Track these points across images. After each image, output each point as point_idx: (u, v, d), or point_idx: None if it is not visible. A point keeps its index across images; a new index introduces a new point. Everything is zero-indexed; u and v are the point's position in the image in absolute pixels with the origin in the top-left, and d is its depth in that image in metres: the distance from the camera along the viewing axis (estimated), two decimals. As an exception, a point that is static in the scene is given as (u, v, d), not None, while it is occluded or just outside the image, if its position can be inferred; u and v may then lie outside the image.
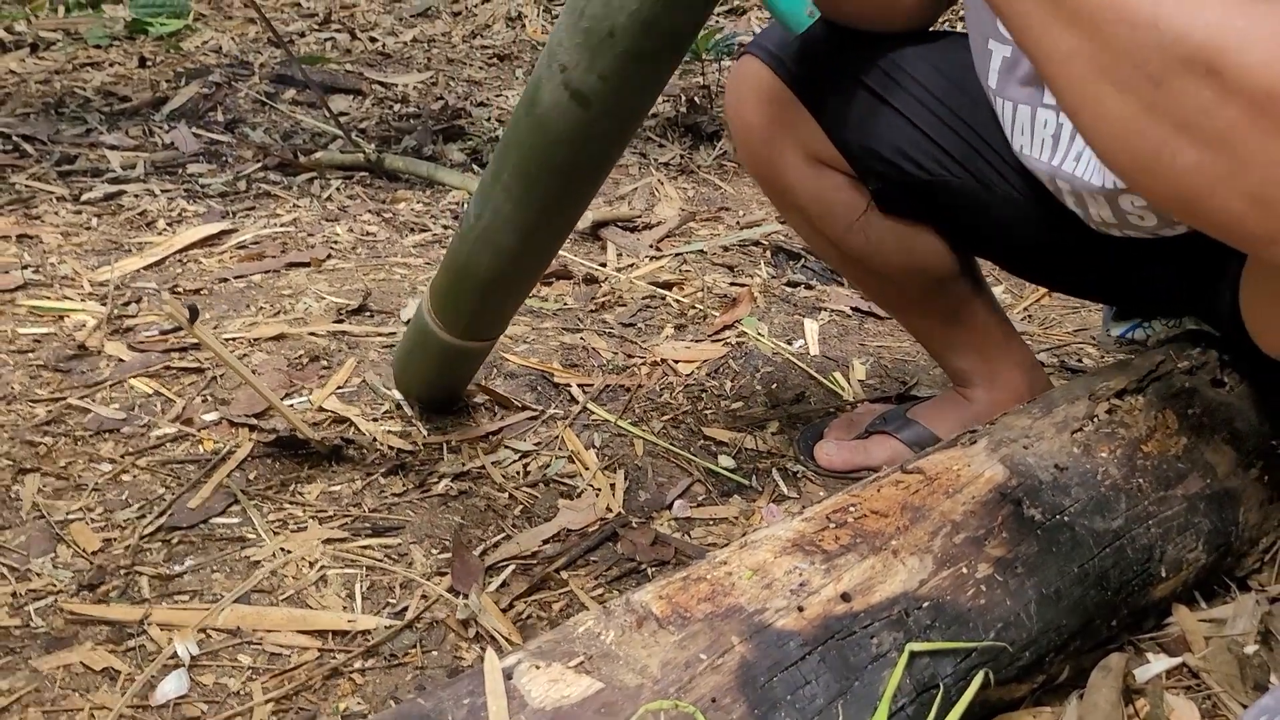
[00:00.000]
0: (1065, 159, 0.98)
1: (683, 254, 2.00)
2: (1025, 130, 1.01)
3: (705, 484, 1.33)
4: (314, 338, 1.58)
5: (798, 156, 1.17)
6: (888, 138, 1.12)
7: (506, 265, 1.14)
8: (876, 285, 1.31)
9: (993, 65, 1.04)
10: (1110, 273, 1.12)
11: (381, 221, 2.13)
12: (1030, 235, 1.12)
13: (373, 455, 1.32)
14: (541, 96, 0.95)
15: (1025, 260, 1.23)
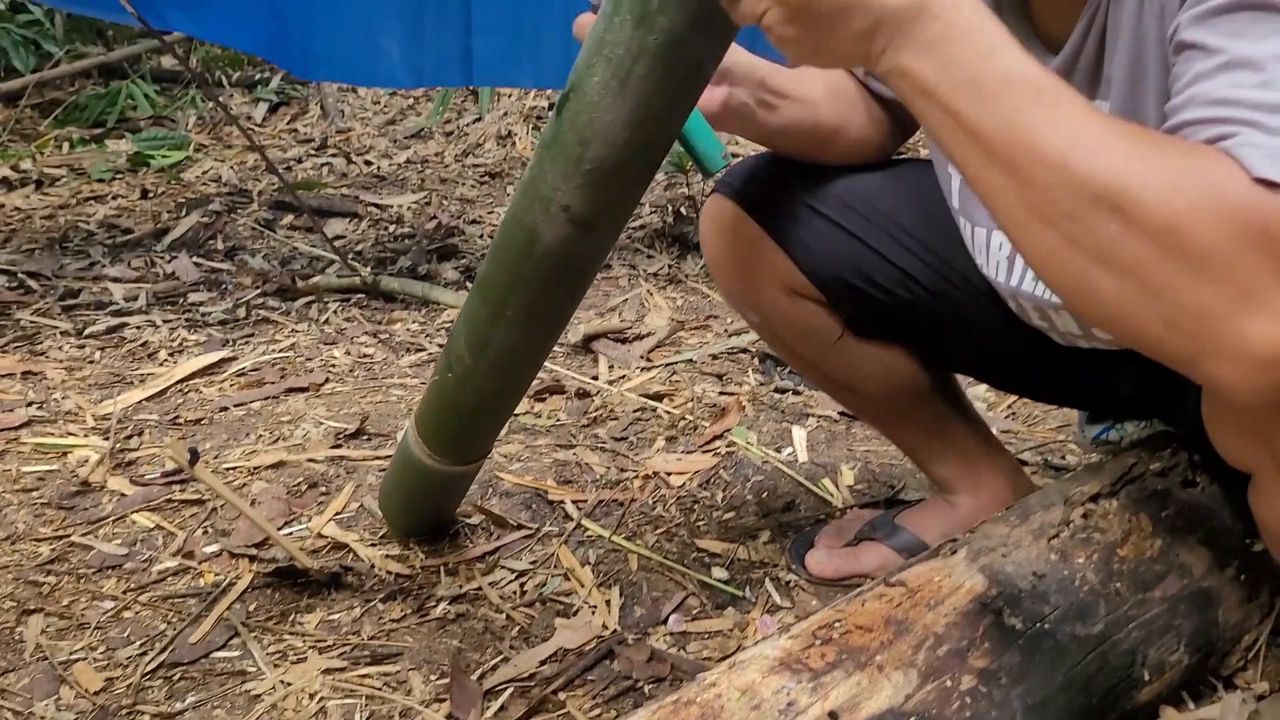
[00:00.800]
0: (1024, 280, 1.03)
1: (673, 364, 2.04)
2: (983, 251, 1.07)
3: (700, 597, 1.34)
4: (312, 464, 1.62)
5: (772, 288, 1.22)
6: (854, 266, 1.17)
7: (510, 388, 1.20)
8: (858, 403, 1.36)
9: (954, 187, 1.09)
10: (1079, 381, 1.15)
11: (378, 343, 2.18)
12: (1001, 349, 1.17)
13: (371, 581, 1.34)
14: (543, 237, 1.00)
15: (998, 373, 1.27)
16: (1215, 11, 0.68)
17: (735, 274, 1.23)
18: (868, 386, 1.26)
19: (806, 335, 1.24)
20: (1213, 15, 0.68)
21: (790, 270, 1.19)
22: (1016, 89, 0.67)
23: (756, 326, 1.30)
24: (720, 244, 1.22)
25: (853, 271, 1.16)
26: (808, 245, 1.17)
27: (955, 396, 1.32)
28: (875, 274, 1.15)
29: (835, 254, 1.17)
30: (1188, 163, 0.63)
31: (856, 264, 1.16)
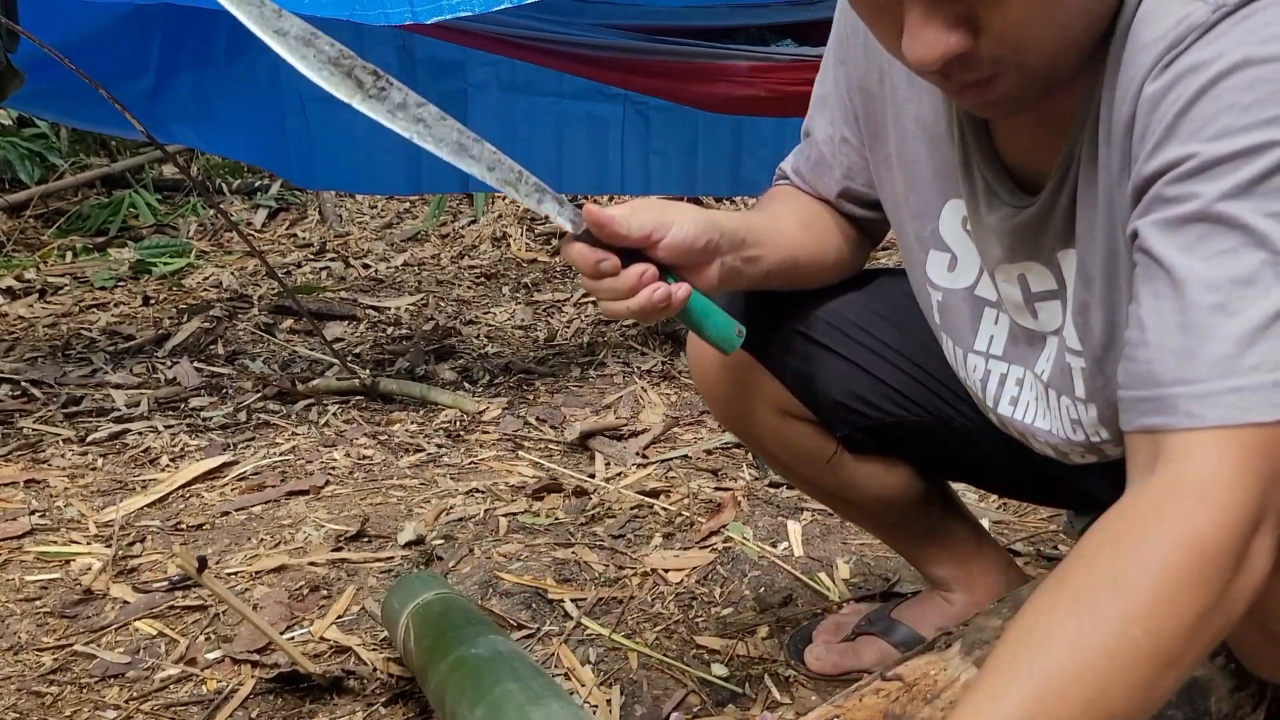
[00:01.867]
0: (999, 404, 1.05)
1: (668, 460, 2.07)
2: (962, 368, 1.08)
3: (700, 694, 1.35)
4: (314, 567, 1.63)
5: (765, 411, 1.24)
6: (845, 387, 1.19)
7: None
8: (854, 514, 1.39)
9: (934, 302, 1.10)
10: (1078, 488, 1.18)
11: (377, 444, 2.21)
12: (992, 458, 1.19)
13: (373, 685, 1.35)
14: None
15: (990, 479, 1.31)
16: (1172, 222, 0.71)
17: (727, 399, 1.25)
18: (863, 499, 1.28)
19: (800, 454, 1.26)
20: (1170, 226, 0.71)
21: (782, 394, 1.21)
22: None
23: (750, 446, 1.34)
24: (710, 373, 1.24)
25: (844, 393, 1.19)
26: (798, 370, 1.20)
27: (948, 499, 1.35)
28: (867, 393, 1.18)
29: (826, 377, 1.19)
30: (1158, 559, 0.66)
31: (847, 385, 1.18)
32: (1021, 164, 0.93)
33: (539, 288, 3.41)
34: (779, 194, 1.20)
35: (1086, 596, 0.67)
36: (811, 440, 1.24)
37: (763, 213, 1.16)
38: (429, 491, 1.94)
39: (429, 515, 1.82)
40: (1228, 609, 0.67)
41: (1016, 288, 0.98)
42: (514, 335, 3.02)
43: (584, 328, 3.04)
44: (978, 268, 1.02)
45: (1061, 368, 0.96)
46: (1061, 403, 0.98)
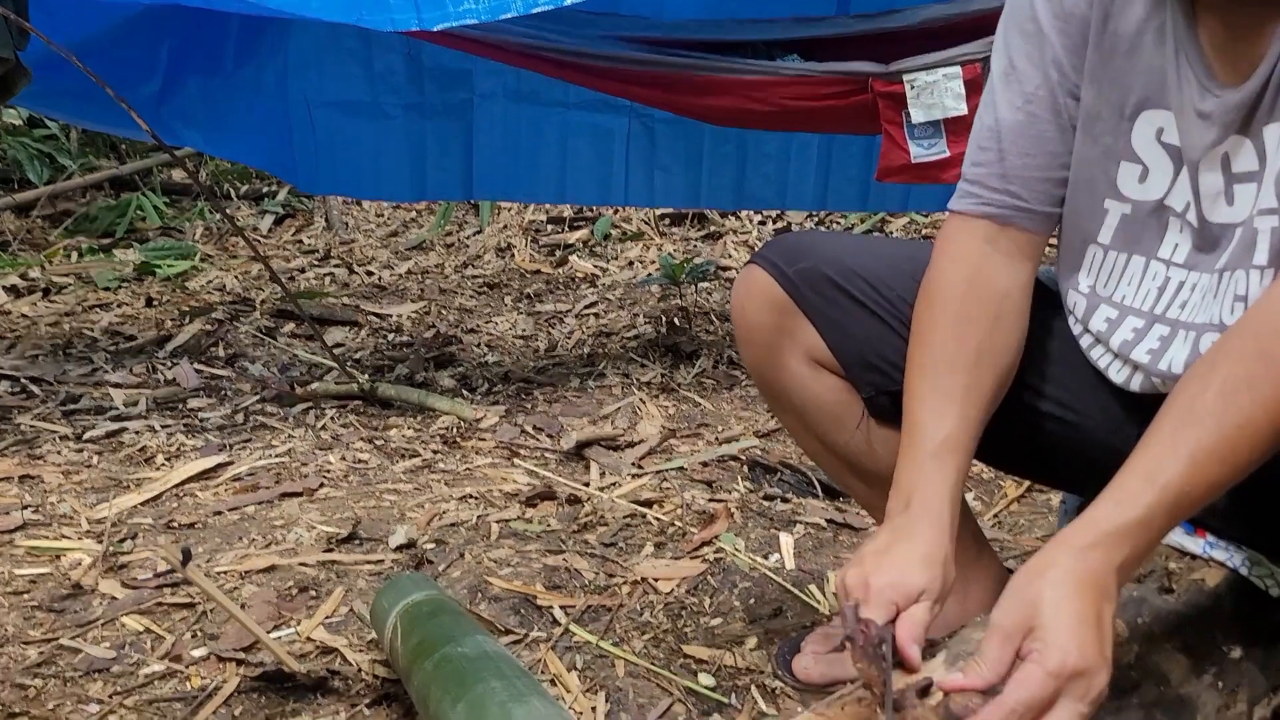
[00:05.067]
0: (1170, 306, 1.08)
1: (663, 471, 2.07)
2: (1134, 281, 1.11)
3: (686, 703, 1.34)
4: (304, 568, 1.63)
5: (796, 359, 1.27)
6: (877, 349, 1.22)
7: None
8: (864, 492, 1.38)
9: (1108, 222, 1.13)
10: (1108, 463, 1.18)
11: (373, 449, 2.21)
12: (1025, 434, 1.20)
13: (358, 685, 1.34)
14: None
15: (1019, 461, 1.31)
16: None
17: (763, 342, 1.28)
18: (876, 469, 1.27)
19: (823, 410, 1.28)
20: None
21: (816, 343, 1.24)
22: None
23: (774, 401, 1.35)
24: (751, 312, 1.28)
25: (875, 354, 1.21)
26: (835, 323, 1.23)
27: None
28: (897, 358, 1.19)
29: (861, 334, 1.22)
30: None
31: (879, 347, 1.21)
32: (1221, 57, 1.00)
33: (541, 298, 3.42)
34: (957, 312, 1.13)
35: (1231, 388, 0.88)
36: (838, 396, 1.27)
37: (957, 382, 1.11)
38: (422, 496, 1.94)
39: (421, 519, 1.81)
40: None
41: (1219, 173, 1.02)
42: (514, 344, 3.02)
43: (584, 339, 3.04)
44: (1170, 178, 1.06)
45: (1246, 244, 1.00)
46: (1232, 282, 1.02)
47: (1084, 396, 1.20)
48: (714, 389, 2.63)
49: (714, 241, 3.80)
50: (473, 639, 1.06)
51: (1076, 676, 0.82)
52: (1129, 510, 0.88)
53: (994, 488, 2.03)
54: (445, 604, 1.24)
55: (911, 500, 1.05)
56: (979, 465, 2.10)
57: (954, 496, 1.06)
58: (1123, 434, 1.16)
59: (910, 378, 1.12)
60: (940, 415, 1.08)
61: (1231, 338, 0.95)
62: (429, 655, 1.06)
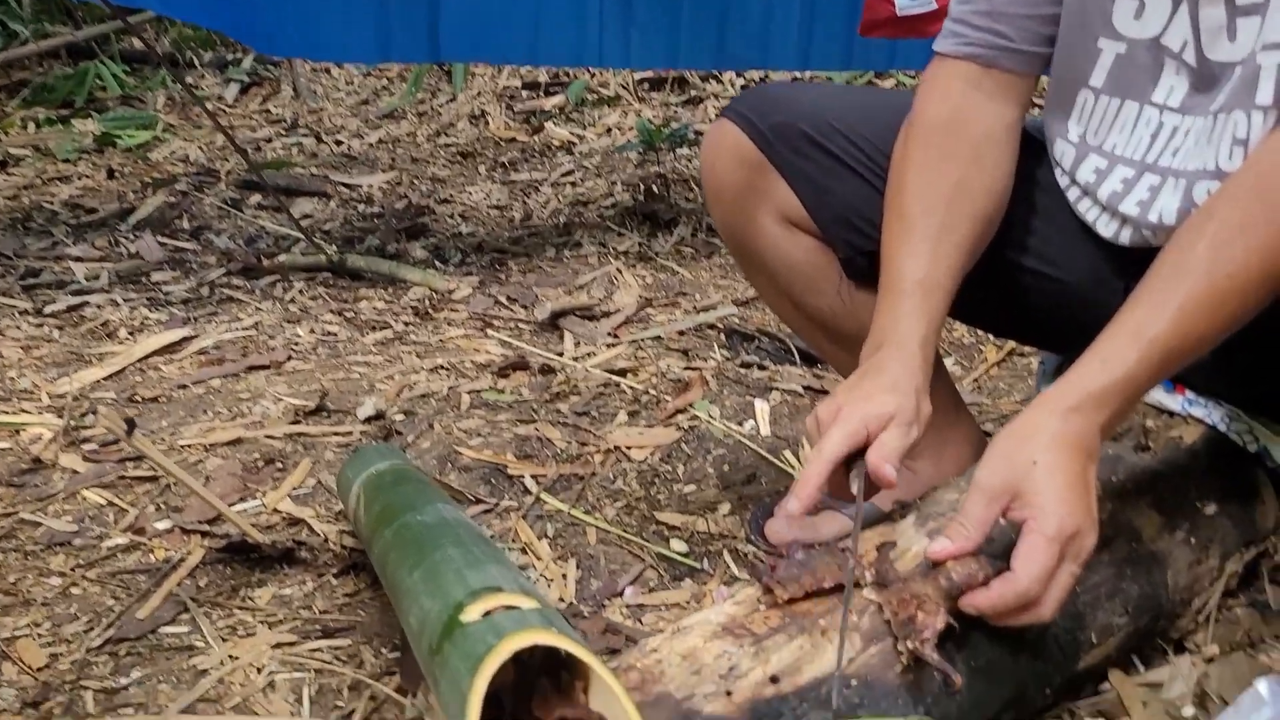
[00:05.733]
0: (1162, 154, 1.03)
1: (639, 340, 2.03)
2: (1125, 129, 1.05)
3: (658, 569, 1.33)
4: (270, 441, 1.60)
5: (769, 218, 1.21)
6: (856, 207, 1.16)
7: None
8: (839, 355, 1.34)
9: (1101, 63, 1.07)
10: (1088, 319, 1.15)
11: (343, 321, 2.16)
12: (997, 287, 1.16)
13: (325, 556, 1.33)
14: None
15: (1001, 319, 1.27)
16: None
17: (733, 200, 1.22)
18: (851, 331, 1.24)
19: (797, 272, 1.23)
20: None
21: (790, 202, 1.19)
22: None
23: (746, 263, 1.30)
24: (720, 169, 1.22)
25: (853, 212, 1.16)
26: (810, 179, 1.17)
27: (935, 355, 1.31)
28: (877, 217, 1.13)
29: (838, 191, 1.16)
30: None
31: (857, 205, 1.15)
32: None
33: (516, 167, 3.32)
34: (937, 149, 1.08)
35: (1225, 236, 0.86)
36: (813, 257, 1.22)
37: (937, 216, 1.05)
38: (393, 368, 1.90)
39: (391, 391, 1.78)
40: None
41: (1220, 6, 0.96)
42: (489, 215, 2.94)
43: (560, 208, 2.96)
44: (1167, 12, 1.00)
45: (1246, 82, 0.95)
46: (1230, 124, 0.97)
47: (1070, 252, 1.16)
48: (692, 257, 2.57)
49: (694, 107, 3.68)
50: (433, 507, 1.04)
51: (1072, 538, 0.83)
52: (1114, 369, 0.86)
53: (974, 352, 2.00)
54: (409, 473, 1.21)
55: (884, 342, 1.02)
56: (959, 330, 2.07)
57: (926, 336, 1.02)
58: (1109, 290, 1.12)
59: (886, 222, 1.07)
60: (915, 257, 1.03)
61: (1230, 183, 0.91)
62: (389, 523, 1.04)
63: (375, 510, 1.12)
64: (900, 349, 1.00)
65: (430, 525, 0.98)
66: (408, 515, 1.03)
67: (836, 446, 0.95)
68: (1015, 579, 0.82)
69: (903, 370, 0.99)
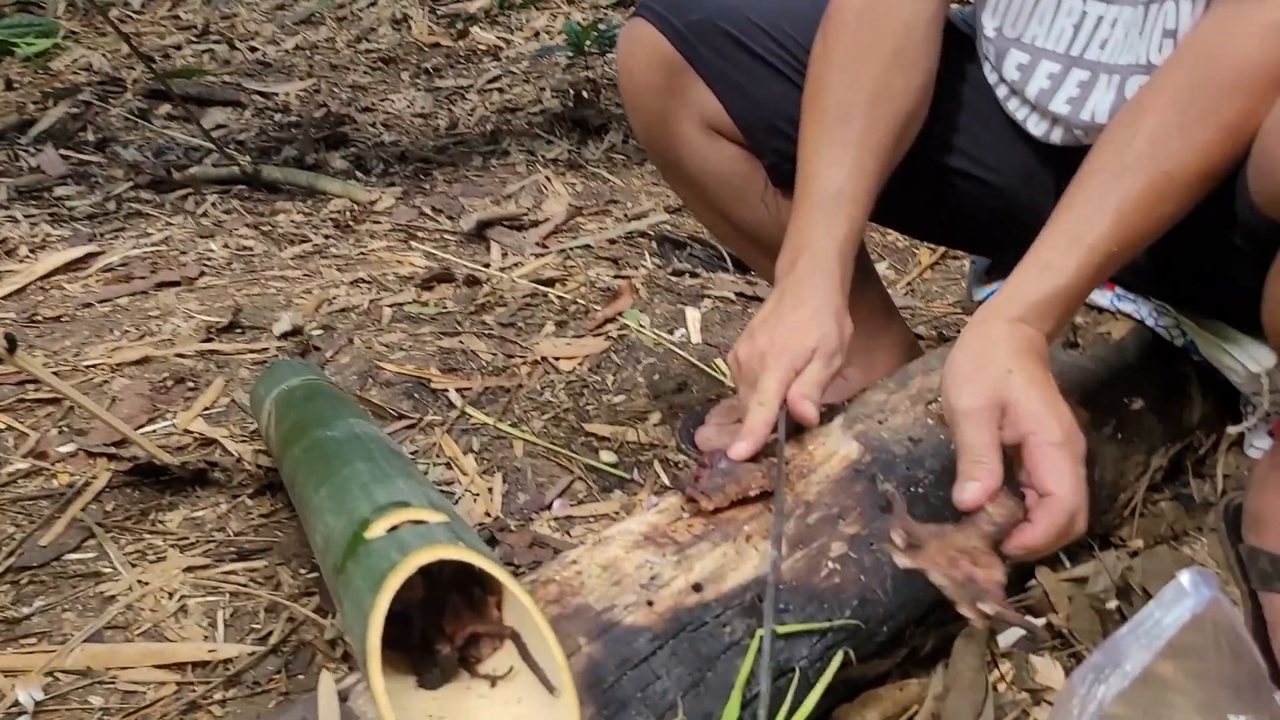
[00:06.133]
0: (1089, 46, 0.99)
1: (568, 250, 1.97)
2: (1045, 19, 1.01)
3: (586, 481, 1.31)
4: (181, 359, 1.53)
5: (690, 125, 1.15)
6: (781, 110, 1.09)
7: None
8: (769, 266, 1.30)
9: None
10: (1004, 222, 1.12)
11: (259, 235, 2.07)
12: (924, 191, 1.12)
13: (240, 476, 1.28)
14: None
15: (931, 224, 1.24)
16: None
17: (652, 106, 1.15)
18: (778, 240, 1.20)
19: (723, 181, 1.18)
20: None
21: (712, 106, 1.13)
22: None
23: (669, 173, 1.25)
24: (638, 73, 1.15)
25: (778, 115, 1.10)
26: (733, 81, 1.11)
27: (863, 257, 1.28)
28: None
29: (761, 95, 1.10)
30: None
31: (783, 108, 1.09)
32: None
33: (441, 73, 3.20)
34: (854, 45, 1.02)
35: (1162, 133, 0.83)
36: (737, 165, 1.17)
37: (856, 121, 1.00)
38: (311, 283, 1.83)
39: (309, 306, 1.71)
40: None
41: None
42: (412, 123, 2.83)
43: (487, 115, 2.86)
44: None
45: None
46: (1161, 15, 0.95)
47: (1000, 152, 1.12)
48: (623, 164, 2.50)
49: (624, 9, 3.56)
50: (344, 422, 0.99)
51: (1074, 439, 0.78)
52: (1056, 277, 0.83)
53: (907, 256, 1.99)
54: (322, 388, 1.16)
55: (799, 258, 0.98)
56: (893, 234, 2.05)
57: (844, 250, 0.98)
58: (1042, 191, 1.09)
59: (803, 127, 1.02)
60: (832, 165, 0.99)
61: (1161, 76, 0.87)
62: (299, 440, 0.99)
63: (285, 427, 1.07)
64: (817, 267, 0.96)
65: (340, 441, 0.94)
66: (317, 431, 0.98)
67: (774, 394, 0.92)
68: (1059, 501, 0.75)
69: (822, 295, 0.96)
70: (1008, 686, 0.89)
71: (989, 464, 0.77)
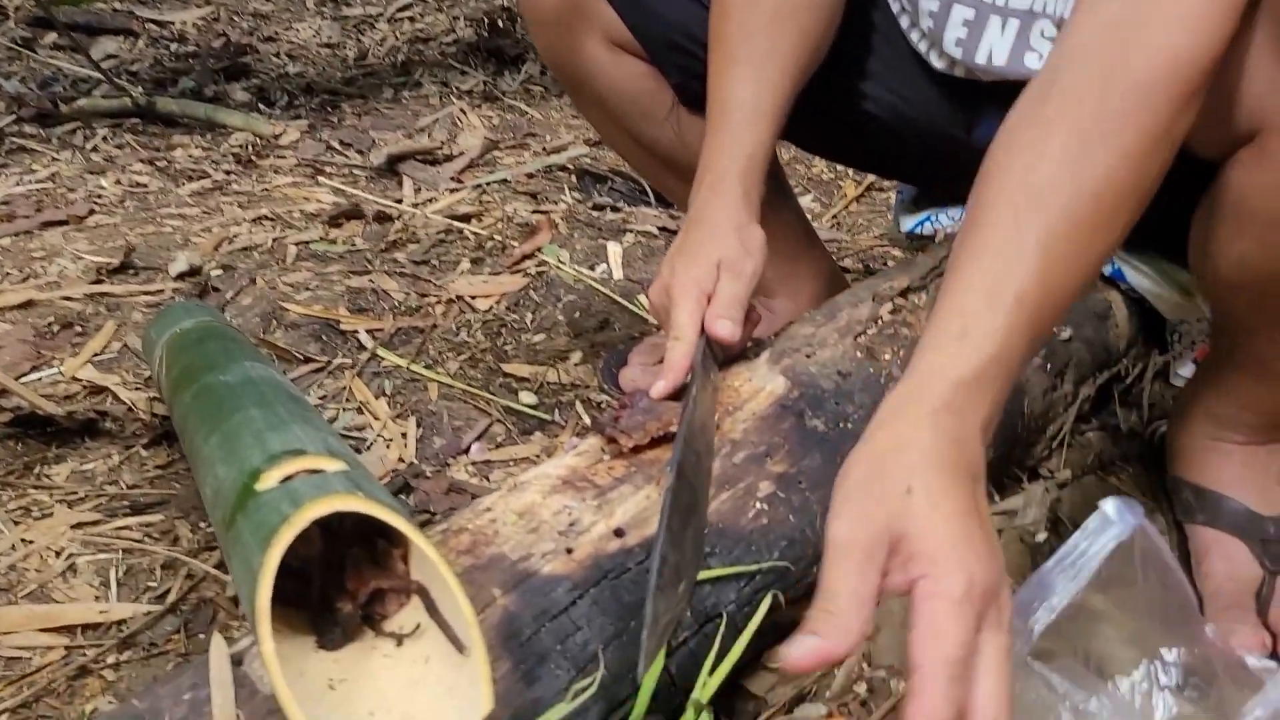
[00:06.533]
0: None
1: (484, 185, 1.90)
2: None
3: (505, 423, 1.26)
4: (68, 302, 1.43)
5: (595, 42, 1.10)
6: (685, 27, 1.05)
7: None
8: (681, 191, 1.25)
9: None
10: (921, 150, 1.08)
11: (155, 171, 1.95)
12: (841, 116, 1.08)
13: (133, 426, 1.20)
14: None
15: (849, 151, 1.20)
16: None
17: (554, 22, 1.10)
18: (691, 166, 1.15)
19: (630, 101, 1.13)
20: None
21: (615, 23, 1.08)
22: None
23: (576, 94, 1.20)
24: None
25: (683, 33, 1.05)
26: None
27: (781, 187, 1.24)
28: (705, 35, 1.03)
29: (665, 11, 1.05)
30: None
31: (687, 24, 1.04)
32: None
33: (348, 1, 3.05)
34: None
35: (1077, 148, 0.66)
36: (644, 84, 1.12)
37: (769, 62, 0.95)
38: (211, 221, 1.73)
39: (207, 245, 1.61)
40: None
41: None
42: (319, 53, 2.70)
43: (399, 45, 2.74)
44: None
45: None
46: None
47: (908, 80, 1.08)
48: (541, 96, 2.42)
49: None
50: (239, 365, 0.92)
51: (988, 596, 0.56)
52: (982, 344, 0.63)
53: (833, 189, 1.95)
54: (216, 330, 1.09)
55: (703, 182, 0.93)
56: (818, 165, 2.01)
57: (746, 167, 0.93)
58: (953, 122, 1.06)
59: (710, 52, 0.97)
60: (735, 83, 0.94)
61: (1071, 61, 0.69)
62: (189, 386, 0.92)
63: (176, 372, 1.00)
64: (716, 186, 0.92)
65: (233, 385, 0.87)
66: (209, 376, 0.91)
67: (689, 326, 0.88)
68: (922, 669, 0.53)
69: (721, 211, 0.91)
70: (938, 623, 0.87)
71: (842, 620, 0.55)
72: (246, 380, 0.88)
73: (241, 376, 0.89)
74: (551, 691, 0.68)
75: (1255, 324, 0.84)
